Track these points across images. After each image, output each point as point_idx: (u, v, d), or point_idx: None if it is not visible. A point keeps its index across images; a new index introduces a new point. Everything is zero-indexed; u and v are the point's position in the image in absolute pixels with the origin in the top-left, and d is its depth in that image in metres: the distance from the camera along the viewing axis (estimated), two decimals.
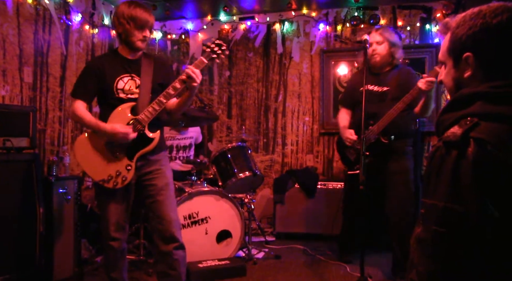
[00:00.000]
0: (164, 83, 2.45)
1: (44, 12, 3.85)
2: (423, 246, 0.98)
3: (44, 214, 2.90)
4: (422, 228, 0.98)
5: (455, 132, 0.94)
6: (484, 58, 1.03)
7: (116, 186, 2.31)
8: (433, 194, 0.97)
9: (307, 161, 4.95)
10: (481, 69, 1.04)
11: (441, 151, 0.97)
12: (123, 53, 2.43)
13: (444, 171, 0.94)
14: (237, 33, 5.16)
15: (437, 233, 0.94)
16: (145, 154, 2.39)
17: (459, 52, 1.06)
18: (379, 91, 3.14)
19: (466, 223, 0.90)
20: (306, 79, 4.99)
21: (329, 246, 3.92)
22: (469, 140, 0.92)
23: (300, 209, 4.34)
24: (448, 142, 0.95)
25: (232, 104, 5.21)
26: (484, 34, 1.01)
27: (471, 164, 0.90)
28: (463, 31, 1.04)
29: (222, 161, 3.65)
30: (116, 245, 2.42)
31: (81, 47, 4.33)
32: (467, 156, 0.91)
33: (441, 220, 0.94)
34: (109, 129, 2.27)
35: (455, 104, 1.03)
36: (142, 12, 2.32)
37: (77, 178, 3.23)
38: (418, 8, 4.67)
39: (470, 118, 0.95)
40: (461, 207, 0.91)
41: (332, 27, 4.91)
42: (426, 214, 0.98)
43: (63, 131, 4.04)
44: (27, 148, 2.96)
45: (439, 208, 0.94)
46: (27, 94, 3.66)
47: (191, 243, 3.16)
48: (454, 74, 1.10)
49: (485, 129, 0.92)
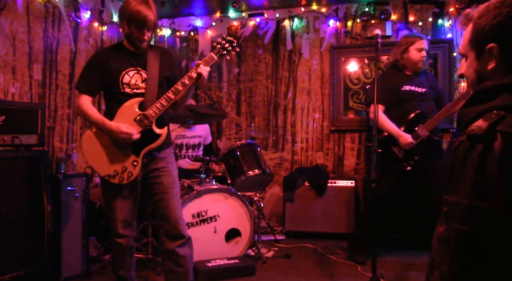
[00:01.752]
0: (171, 76, 2.42)
1: (54, 10, 3.85)
2: (446, 246, 0.93)
3: (52, 212, 2.90)
4: (445, 227, 0.94)
5: (480, 126, 0.90)
6: (510, 48, 0.99)
7: (122, 181, 2.29)
8: (456, 191, 0.92)
9: (317, 159, 4.89)
10: (505, 60, 0.99)
11: (464, 145, 0.92)
12: (128, 46, 2.39)
13: (469, 166, 0.90)
14: (246, 30, 5.11)
15: (461, 232, 0.89)
16: (152, 151, 2.37)
17: (482, 43, 1.02)
18: (420, 91, 3.35)
19: (493, 222, 0.86)
20: (316, 75, 4.93)
21: (340, 245, 3.87)
22: (495, 133, 0.87)
23: (310, 207, 4.28)
24: (472, 135, 0.91)
25: (241, 101, 5.17)
26: (510, 23, 0.97)
27: (498, 159, 0.85)
28: (487, 21, 1.00)
29: (231, 158, 3.62)
30: (124, 242, 2.40)
31: (90, 44, 4.32)
32: (493, 150, 0.86)
33: (466, 218, 0.89)
34: (114, 128, 2.24)
35: (478, 97, 0.99)
36: (142, 12, 2.22)
37: (85, 176, 3.21)
38: (430, 2, 4.58)
39: (496, 111, 0.91)
40: (487, 204, 0.86)
41: (342, 23, 4.83)
42: (450, 212, 0.93)
43: (72, 128, 4.04)
44: (36, 146, 2.96)
45: (463, 206, 0.90)
46: (36, 91, 3.66)
47: (200, 242, 3.13)
48: (477, 66, 1.06)
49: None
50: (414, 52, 3.31)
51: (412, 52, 3.31)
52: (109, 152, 2.31)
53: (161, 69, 2.40)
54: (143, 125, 2.30)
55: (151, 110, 2.29)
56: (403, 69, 3.38)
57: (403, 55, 3.34)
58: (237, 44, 2.40)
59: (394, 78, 3.38)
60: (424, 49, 3.32)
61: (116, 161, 2.30)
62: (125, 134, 2.23)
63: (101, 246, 3.51)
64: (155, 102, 2.31)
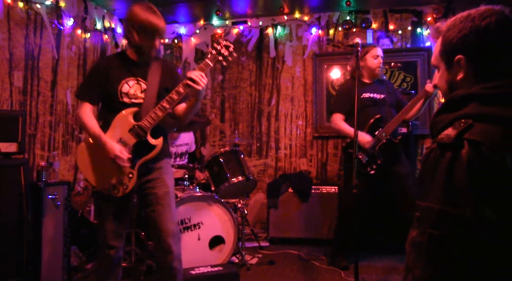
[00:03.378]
0: (170, 88, 2.35)
1: (36, 16, 3.82)
2: (418, 250, 0.96)
3: (33, 221, 2.85)
4: (417, 232, 0.97)
5: (449, 134, 0.94)
6: (475, 59, 1.04)
7: (118, 194, 2.25)
8: (427, 197, 0.96)
9: (301, 165, 4.92)
10: (473, 70, 1.05)
11: (435, 152, 0.96)
12: (132, 56, 2.35)
13: (439, 173, 0.93)
14: (230, 37, 5.14)
15: (433, 236, 0.93)
16: (147, 162, 2.32)
17: (451, 54, 1.07)
18: (379, 98, 3.48)
19: (462, 226, 0.89)
20: (299, 82, 4.99)
21: (324, 251, 3.89)
22: (463, 141, 0.91)
23: (294, 213, 4.31)
24: (442, 144, 0.95)
25: (225, 108, 5.19)
26: (473, 36, 1.03)
27: (466, 166, 0.89)
28: (454, 34, 1.06)
29: (215, 165, 3.62)
30: (113, 253, 2.34)
31: (73, 52, 4.29)
32: (461, 157, 0.90)
33: (436, 223, 0.92)
34: (108, 147, 2.19)
35: (449, 105, 1.03)
36: (154, 19, 2.21)
37: (67, 184, 3.18)
38: (409, 12, 4.70)
39: (464, 119, 0.95)
40: (456, 209, 0.90)
41: (324, 31, 4.91)
42: (421, 217, 0.97)
43: (53, 136, 3.99)
44: (16, 153, 2.92)
45: (434, 211, 0.93)
46: (17, 99, 3.62)
47: (183, 250, 3.09)
48: (447, 76, 1.11)
49: (479, 130, 0.91)
50: (371, 59, 3.44)
51: (369, 60, 3.45)
52: (104, 164, 2.25)
53: (161, 81, 2.35)
54: (138, 136, 2.26)
55: (145, 120, 2.25)
56: (361, 78, 3.47)
57: (360, 64, 3.44)
58: (234, 49, 2.35)
59: (354, 87, 3.45)
60: (379, 56, 3.46)
61: (111, 174, 2.25)
62: (117, 157, 2.18)
63: (83, 255, 3.46)
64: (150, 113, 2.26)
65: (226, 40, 2.35)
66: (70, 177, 4.10)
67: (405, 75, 4.66)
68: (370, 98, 3.45)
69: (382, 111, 3.43)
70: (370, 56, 3.44)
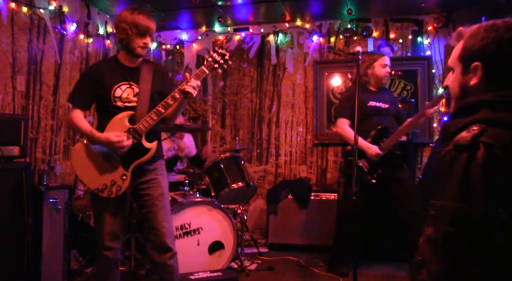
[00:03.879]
0: (162, 91, 2.43)
1: (39, 21, 3.85)
2: (435, 246, 1.00)
3: (33, 224, 2.86)
4: (433, 229, 1.01)
5: (465, 137, 0.99)
6: (492, 68, 1.09)
7: (111, 195, 2.29)
8: (443, 196, 1.00)
9: (301, 172, 4.94)
10: (486, 78, 1.09)
11: (451, 154, 1.01)
12: (123, 60, 2.41)
13: (455, 173, 0.98)
14: (231, 44, 5.18)
15: (448, 233, 0.97)
16: (142, 164, 2.37)
17: (469, 60, 1.12)
18: (384, 107, 3.47)
19: (476, 224, 0.94)
20: (300, 90, 5.01)
21: (323, 258, 3.89)
22: (478, 144, 0.96)
23: (293, 220, 4.32)
24: (459, 145, 0.99)
25: (226, 114, 5.21)
26: (495, 46, 1.07)
27: (481, 167, 0.94)
28: (476, 41, 1.10)
29: (215, 171, 3.64)
30: (110, 255, 2.37)
31: (75, 56, 4.32)
32: (477, 158, 0.95)
33: (452, 220, 0.97)
34: (103, 139, 2.25)
35: (462, 110, 1.09)
36: (144, 18, 2.30)
37: (68, 188, 3.19)
38: (410, 21, 4.74)
39: (478, 124, 1.00)
40: (471, 208, 0.94)
41: (325, 39, 4.95)
42: (437, 215, 1.01)
43: (55, 140, 4.01)
44: (18, 157, 2.93)
45: (450, 209, 0.98)
46: (19, 103, 3.64)
47: (183, 254, 3.12)
48: (461, 80, 1.15)
49: (493, 134, 0.97)
50: (379, 68, 3.44)
51: (377, 68, 3.44)
52: (98, 165, 2.31)
53: (153, 84, 2.40)
54: (133, 138, 2.30)
55: (141, 124, 2.30)
56: (367, 85, 3.49)
57: (367, 71, 3.47)
58: (229, 57, 2.40)
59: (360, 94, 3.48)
60: (387, 65, 3.47)
61: (105, 175, 2.30)
62: (116, 142, 2.23)
63: (83, 259, 3.47)
64: (145, 116, 2.31)
65: (223, 48, 2.42)
66: (71, 181, 4.10)
67: (406, 83, 4.69)
68: (376, 107, 3.45)
69: (386, 121, 3.44)
70: (378, 65, 3.44)
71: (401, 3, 4.42)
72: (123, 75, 2.37)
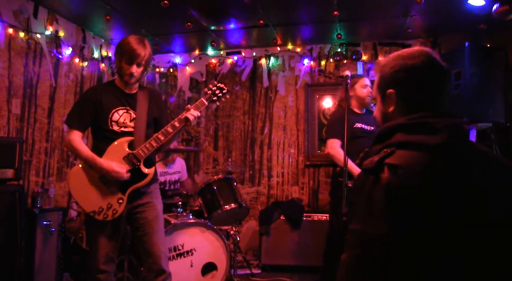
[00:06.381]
0: (158, 117, 2.50)
1: (35, 46, 3.93)
2: (345, 271, 1.03)
3: (26, 247, 2.87)
4: (346, 254, 1.04)
5: (372, 159, 1.04)
6: (404, 94, 1.16)
7: (106, 218, 2.31)
8: (353, 220, 1.04)
9: (293, 193, 4.98)
10: (402, 103, 1.16)
11: (360, 178, 1.06)
12: (119, 85, 2.46)
13: (362, 197, 1.03)
14: (224, 67, 5.29)
15: (355, 256, 1.01)
16: (138, 187, 2.41)
17: (385, 88, 1.19)
18: (369, 129, 3.54)
19: (378, 245, 0.97)
20: (292, 112, 5.10)
21: (315, 278, 3.90)
22: (383, 166, 1.01)
23: (286, 240, 4.33)
24: (366, 169, 1.04)
25: (218, 136, 5.28)
26: (403, 73, 1.15)
27: (384, 187, 0.98)
28: (387, 70, 1.18)
29: (208, 193, 3.67)
30: (104, 278, 2.37)
31: (70, 79, 4.39)
32: (380, 180, 0.99)
33: (358, 243, 1.01)
34: (105, 166, 2.28)
35: (380, 136, 1.14)
36: (132, 45, 2.32)
37: (62, 210, 3.21)
38: (398, 45, 4.88)
39: (388, 147, 1.05)
40: (374, 229, 0.98)
41: (316, 62, 5.07)
42: (349, 239, 1.05)
43: (49, 162, 4.03)
44: (12, 180, 2.96)
45: (357, 232, 1.02)
46: (14, 125, 3.68)
47: (176, 276, 3.12)
48: (382, 108, 1.22)
49: (398, 156, 1.02)
50: (360, 89, 3.53)
51: (358, 89, 3.53)
52: (95, 188, 2.34)
53: (149, 110, 2.47)
54: (132, 164, 2.34)
55: (140, 150, 2.35)
56: (352, 107, 3.57)
57: (350, 93, 3.53)
58: (227, 91, 2.50)
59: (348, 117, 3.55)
60: (368, 85, 3.56)
61: (101, 198, 2.32)
62: (116, 173, 2.28)
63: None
64: (144, 142, 2.36)
65: (221, 83, 2.53)
66: (64, 203, 4.11)
67: None
68: (362, 129, 3.51)
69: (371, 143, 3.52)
70: (359, 86, 3.53)
71: (389, 28, 4.56)
72: (120, 100, 2.42)
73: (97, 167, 2.30)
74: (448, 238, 0.95)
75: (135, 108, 2.43)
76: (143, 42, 2.38)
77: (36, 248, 2.97)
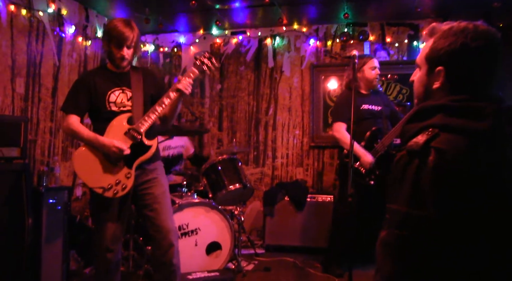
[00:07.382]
0: (155, 93, 2.49)
1: (38, 24, 3.88)
2: (387, 249, 1.03)
3: (33, 225, 2.89)
4: (386, 232, 1.04)
5: (418, 141, 1.01)
6: (455, 74, 1.09)
7: (117, 194, 2.32)
8: (396, 200, 1.03)
9: (297, 174, 4.98)
10: (448, 84, 1.10)
11: (404, 159, 1.04)
12: (111, 68, 2.48)
13: (407, 178, 1.01)
14: (229, 47, 5.23)
15: (400, 237, 1.00)
16: (142, 163, 2.41)
17: (435, 63, 1.12)
18: (377, 109, 3.52)
19: (426, 227, 0.97)
20: (297, 93, 5.06)
21: (319, 259, 3.93)
22: (430, 149, 0.99)
23: (289, 221, 4.35)
24: (411, 150, 1.02)
25: (223, 117, 5.25)
26: (461, 54, 1.07)
27: (431, 172, 0.97)
28: (444, 45, 1.09)
29: (213, 173, 3.67)
30: (111, 256, 2.40)
31: (73, 59, 4.35)
32: (427, 164, 0.98)
33: (403, 224, 1.00)
34: (107, 142, 2.29)
35: (418, 115, 1.10)
36: (120, 29, 2.32)
37: (68, 189, 3.22)
38: (406, 25, 4.80)
39: (431, 129, 1.02)
40: (420, 212, 0.97)
41: (322, 43, 5.00)
42: (390, 218, 1.04)
43: (53, 142, 4.03)
44: (18, 158, 2.96)
45: (401, 213, 1.01)
46: (18, 105, 3.66)
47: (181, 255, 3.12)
48: (425, 81, 1.15)
49: (444, 139, 0.99)
50: (368, 70, 3.49)
51: (367, 71, 3.49)
52: (102, 166, 2.34)
53: (145, 88, 2.47)
54: (133, 138, 2.35)
55: (140, 123, 2.36)
56: (358, 89, 3.52)
57: (357, 75, 3.48)
58: (211, 57, 2.51)
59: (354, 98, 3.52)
60: (376, 67, 3.51)
61: (109, 175, 2.33)
62: (117, 148, 2.28)
63: (82, 259, 3.49)
64: (143, 116, 2.37)
65: (208, 52, 2.56)
66: (69, 182, 4.12)
67: (401, 87, 4.75)
68: (369, 110, 3.49)
69: (379, 123, 3.49)
70: (367, 67, 3.49)
71: (397, 7, 4.47)
72: (114, 81, 2.43)
73: (99, 145, 2.31)
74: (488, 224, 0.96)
75: (130, 86, 2.44)
76: (130, 24, 2.37)
77: (43, 226, 3.00)
